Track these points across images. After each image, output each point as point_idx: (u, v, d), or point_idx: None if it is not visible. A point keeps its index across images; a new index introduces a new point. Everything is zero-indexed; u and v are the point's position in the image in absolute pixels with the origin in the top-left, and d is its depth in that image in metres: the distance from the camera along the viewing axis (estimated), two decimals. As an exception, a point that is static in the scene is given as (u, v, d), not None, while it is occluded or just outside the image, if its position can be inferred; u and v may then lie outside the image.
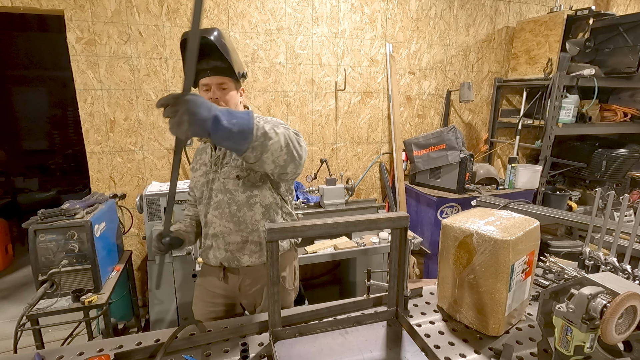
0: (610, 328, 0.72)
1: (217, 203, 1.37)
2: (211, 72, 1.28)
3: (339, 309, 1.16)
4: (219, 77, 1.29)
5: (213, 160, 1.38)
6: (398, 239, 1.04)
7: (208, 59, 1.27)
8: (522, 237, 1.00)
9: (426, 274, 3.09)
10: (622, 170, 3.30)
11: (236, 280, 1.44)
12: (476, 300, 1.06)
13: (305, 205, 2.57)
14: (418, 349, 0.97)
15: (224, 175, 1.35)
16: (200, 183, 1.41)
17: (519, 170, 3.07)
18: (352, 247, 2.36)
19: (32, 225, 1.83)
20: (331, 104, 3.02)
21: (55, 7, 2.30)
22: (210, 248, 1.44)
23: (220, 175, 1.36)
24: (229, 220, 1.37)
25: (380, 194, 3.38)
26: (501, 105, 3.58)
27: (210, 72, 1.28)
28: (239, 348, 1.02)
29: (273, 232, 0.89)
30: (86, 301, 1.85)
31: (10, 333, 1.75)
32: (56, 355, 0.98)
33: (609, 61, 3.02)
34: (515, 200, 1.96)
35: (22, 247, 4.18)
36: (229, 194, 1.35)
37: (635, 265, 1.20)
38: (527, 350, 1.00)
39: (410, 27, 3.11)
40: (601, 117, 3.37)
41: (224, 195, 1.36)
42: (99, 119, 2.52)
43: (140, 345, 1.02)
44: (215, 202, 1.37)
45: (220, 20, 2.61)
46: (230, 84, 1.31)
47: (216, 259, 1.42)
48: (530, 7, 3.46)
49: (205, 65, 1.28)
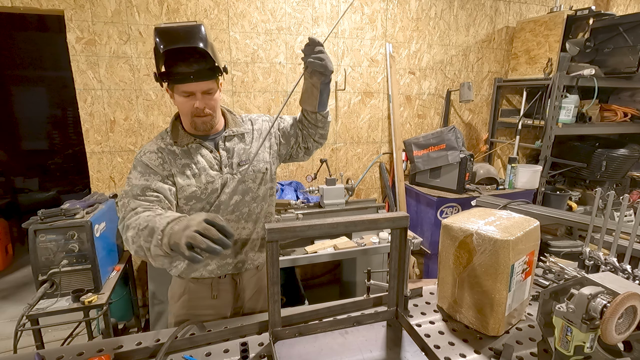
0: (610, 328, 0.72)
1: (234, 206, 1.28)
2: (195, 78, 1.11)
3: (339, 309, 1.16)
4: (205, 82, 1.14)
5: (221, 163, 1.26)
6: (398, 239, 1.04)
7: (190, 62, 1.10)
8: (522, 237, 1.00)
9: (426, 274, 3.09)
10: (622, 170, 3.30)
11: (231, 289, 1.36)
12: (476, 300, 1.06)
13: (305, 205, 2.57)
14: (418, 349, 0.97)
15: (245, 174, 1.28)
16: (201, 190, 1.23)
17: (519, 170, 3.07)
18: (352, 247, 2.36)
19: (32, 225, 1.83)
20: (331, 103, 3.02)
21: (55, 7, 2.30)
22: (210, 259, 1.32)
23: (238, 174, 1.28)
24: (247, 219, 1.32)
25: (380, 194, 3.38)
26: (501, 105, 3.58)
27: (194, 77, 1.11)
28: (239, 348, 1.02)
29: (273, 232, 0.89)
30: (86, 301, 1.85)
31: (10, 333, 1.75)
32: (56, 355, 0.98)
33: (609, 61, 3.02)
34: (515, 200, 1.96)
35: (22, 247, 4.18)
36: (250, 192, 1.30)
37: (635, 265, 1.20)
38: (527, 350, 1.00)
39: (410, 27, 3.11)
40: (601, 117, 3.37)
41: (243, 195, 1.29)
42: (99, 119, 2.52)
43: (140, 345, 1.02)
44: (232, 206, 1.28)
45: (220, 20, 2.61)
46: (215, 86, 1.18)
47: (217, 271, 1.31)
48: (530, 7, 3.46)
49: (186, 68, 1.10)
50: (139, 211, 1.08)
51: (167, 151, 1.23)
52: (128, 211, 1.10)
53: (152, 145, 1.24)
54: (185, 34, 1.08)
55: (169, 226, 0.93)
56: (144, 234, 0.98)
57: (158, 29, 1.07)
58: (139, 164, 1.20)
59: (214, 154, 1.27)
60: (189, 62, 1.10)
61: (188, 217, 0.93)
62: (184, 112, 1.20)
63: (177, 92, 1.16)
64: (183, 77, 1.11)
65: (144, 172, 1.18)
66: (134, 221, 1.04)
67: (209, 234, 0.84)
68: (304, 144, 1.42)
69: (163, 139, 1.25)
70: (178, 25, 1.09)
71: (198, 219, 0.88)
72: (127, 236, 1.04)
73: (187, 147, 1.24)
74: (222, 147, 1.28)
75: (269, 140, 1.36)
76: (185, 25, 1.09)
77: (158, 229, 0.94)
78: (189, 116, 1.19)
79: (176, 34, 1.07)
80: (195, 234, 0.83)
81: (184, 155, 1.24)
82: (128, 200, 1.13)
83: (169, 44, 1.06)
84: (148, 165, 1.19)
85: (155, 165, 1.20)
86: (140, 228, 1.00)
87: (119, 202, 1.18)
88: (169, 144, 1.24)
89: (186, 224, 0.88)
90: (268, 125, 1.37)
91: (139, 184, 1.15)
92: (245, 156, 1.30)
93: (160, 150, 1.22)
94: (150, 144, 1.25)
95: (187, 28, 1.09)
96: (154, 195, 1.15)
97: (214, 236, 0.84)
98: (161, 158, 1.22)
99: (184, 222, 0.90)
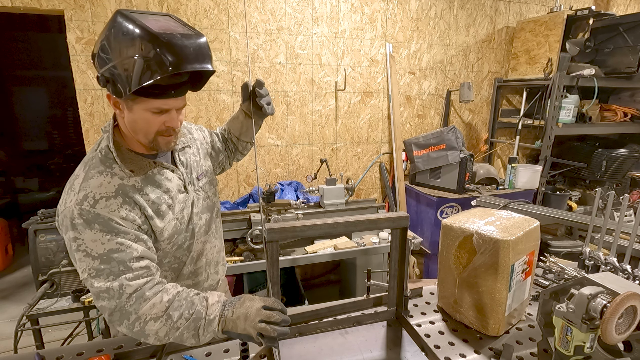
0: (610, 328, 0.72)
1: (206, 225, 1.17)
2: (176, 93, 0.93)
3: (339, 309, 1.16)
4: (184, 98, 0.97)
5: (185, 181, 1.09)
6: (398, 239, 1.04)
7: (181, 76, 0.92)
8: (522, 237, 1.00)
9: (426, 274, 3.09)
10: (622, 170, 3.30)
11: None
12: (476, 300, 1.06)
13: (305, 205, 2.56)
14: (418, 349, 0.97)
15: (206, 187, 1.18)
16: (180, 220, 1.06)
17: (519, 170, 3.07)
18: (352, 247, 2.36)
19: (32, 225, 1.83)
20: (331, 104, 3.02)
21: (55, 7, 2.30)
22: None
23: (201, 191, 1.15)
24: (216, 236, 1.24)
25: (380, 194, 3.38)
26: (501, 105, 3.58)
27: (176, 92, 0.92)
28: (239, 348, 1.02)
29: (273, 232, 0.89)
30: (86, 301, 1.86)
31: (10, 333, 1.75)
32: (56, 355, 0.98)
33: (609, 61, 3.02)
34: (515, 200, 1.96)
35: (22, 247, 4.18)
36: (215, 207, 1.21)
37: (635, 265, 1.20)
38: (527, 350, 1.00)
39: (410, 27, 3.11)
40: (601, 117, 3.37)
41: (210, 212, 1.19)
42: (99, 119, 2.52)
43: (140, 345, 1.02)
44: (204, 226, 1.16)
45: (220, 20, 2.61)
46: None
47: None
48: (530, 7, 3.46)
49: (167, 81, 0.89)
50: (147, 296, 0.87)
51: (129, 189, 0.94)
52: (128, 295, 0.87)
53: (104, 185, 0.91)
54: (198, 50, 0.88)
55: (224, 317, 0.88)
56: (183, 325, 0.87)
57: (159, 38, 0.82)
58: (96, 219, 0.87)
59: (177, 173, 1.07)
60: (179, 77, 0.92)
61: (241, 303, 0.88)
62: (148, 130, 0.95)
63: (143, 108, 0.91)
64: (162, 91, 0.89)
65: (108, 230, 0.88)
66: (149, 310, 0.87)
67: (274, 320, 0.84)
68: (224, 164, 1.41)
69: (110, 169, 0.94)
70: (183, 36, 0.86)
71: (256, 306, 0.86)
72: (149, 330, 0.87)
73: (146, 175, 0.99)
74: (179, 162, 1.11)
75: (204, 150, 1.27)
76: (194, 40, 0.88)
77: (209, 319, 0.88)
78: (152, 135, 0.95)
79: (187, 50, 0.86)
80: (264, 325, 0.83)
81: (147, 187, 0.98)
82: (119, 283, 0.86)
83: (181, 64, 0.84)
84: (112, 219, 0.88)
85: (122, 218, 0.90)
86: (174, 320, 0.87)
87: (92, 286, 0.87)
88: (125, 176, 0.95)
89: (245, 313, 0.86)
90: (201, 135, 1.28)
91: (118, 256, 0.87)
92: (199, 169, 1.17)
93: (123, 192, 0.92)
94: (98, 183, 0.91)
95: (198, 43, 0.88)
96: (143, 267, 0.90)
97: (277, 321, 0.84)
98: (127, 204, 0.92)
99: (241, 310, 0.87)
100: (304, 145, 3.02)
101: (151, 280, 0.91)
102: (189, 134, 1.22)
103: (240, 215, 2.38)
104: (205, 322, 0.88)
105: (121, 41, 0.83)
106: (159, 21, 0.87)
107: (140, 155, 1.00)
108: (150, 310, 0.87)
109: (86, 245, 0.87)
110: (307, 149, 3.04)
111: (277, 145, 2.95)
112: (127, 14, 0.86)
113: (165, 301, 0.88)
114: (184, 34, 0.87)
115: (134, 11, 0.87)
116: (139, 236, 0.93)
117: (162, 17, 0.90)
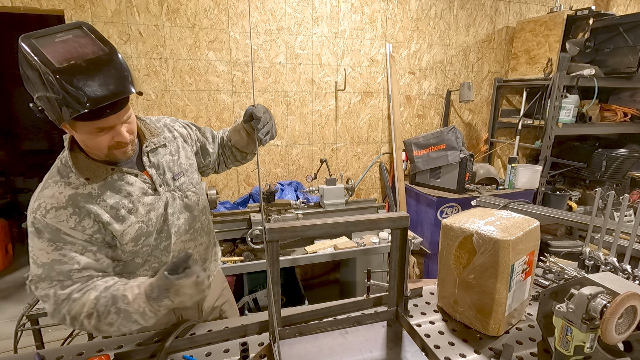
0: (610, 328, 0.72)
1: (186, 225, 1.16)
2: (112, 110, 0.88)
3: (339, 309, 1.16)
4: (125, 109, 0.92)
5: (154, 183, 1.07)
6: (398, 239, 1.04)
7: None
8: (522, 237, 1.00)
9: (426, 274, 3.09)
10: (622, 170, 3.30)
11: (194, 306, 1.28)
12: (476, 300, 1.06)
13: (305, 205, 2.57)
14: (418, 349, 0.97)
15: (185, 186, 1.15)
16: (145, 223, 1.04)
17: (519, 170, 3.07)
18: (352, 247, 2.36)
19: (32, 225, 1.82)
20: (331, 104, 3.02)
21: (55, 7, 2.30)
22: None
23: (177, 191, 1.13)
24: (201, 233, 1.24)
25: (380, 194, 3.38)
26: (501, 105, 3.58)
27: (112, 110, 0.87)
28: (239, 348, 1.02)
29: (273, 232, 0.89)
30: (86, 301, 1.85)
31: (10, 333, 1.75)
32: (56, 355, 0.98)
33: (609, 61, 3.02)
34: (515, 200, 1.96)
35: (22, 247, 4.17)
36: (196, 206, 1.19)
37: (635, 265, 1.20)
38: (527, 350, 1.00)
39: (410, 27, 3.11)
40: (601, 117, 3.37)
41: (190, 211, 1.17)
42: (99, 119, 2.52)
43: (140, 345, 1.02)
44: (183, 226, 1.15)
45: (220, 20, 2.61)
46: (129, 106, 0.96)
47: None
48: (530, 7, 3.46)
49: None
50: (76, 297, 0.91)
51: (82, 198, 0.94)
52: (62, 301, 0.91)
53: (55, 195, 0.92)
54: (112, 78, 0.85)
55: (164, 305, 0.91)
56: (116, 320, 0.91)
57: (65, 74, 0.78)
58: (45, 228, 0.90)
59: (141, 177, 1.05)
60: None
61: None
62: (99, 147, 0.94)
63: (85, 130, 0.89)
64: (96, 114, 0.85)
65: (54, 240, 0.91)
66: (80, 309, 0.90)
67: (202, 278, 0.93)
68: (217, 168, 1.41)
69: (66, 178, 0.95)
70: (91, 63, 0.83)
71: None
72: (89, 327, 0.91)
73: (105, 181, 0.98)
74: (148, 164, 1.08)
75: (190, 147, 1.25)
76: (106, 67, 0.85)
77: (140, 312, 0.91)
78: (104, 150, 0.95)
79: (99, 81, 0.82)
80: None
81: (105, 193, 0.98)
82: (54, 291, 0.90)
83: (99, 100, 0.81)
84: (60, 230, 0.91)
85: (71, 228, 0.92)
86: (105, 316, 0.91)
87: (35, 289, 0.92)
88: (80, 184, 0.95)
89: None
90: (186, 131, 1.25)
91: (59, 267, 0.91)
92: (177, 168, 1.14)
93: (73, 202, 0.92)
94: (50, 193, 0.93)
95: (110, 70, 0.85)
96: (84, 276, 0.94)
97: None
98: (77, 215, 0.93)
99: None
100: (304, 145, 3.03)
101: (84, 283, 0.94)
102: (168, 132, 1.18)
103: (240, 215, 2.38)
104: (138, 315, 0.91)
105: (30, 76, 0.83)
106: (66, 43, 0.83)
107: (99, 163, 0.99)
108: (82, 309, 0.91)
109: (34, 253, 0.92)
110: (307, 149, 3.04)
111: (277, 145, 2.95)
112: (29, 42, 0.83)
113: (92, 298, 0.91)
114: (92, 60, 0.83)
115: (39, 33, 0.83)
116: (86, 247, 0.95)
117: (72, 35, 0.86)
